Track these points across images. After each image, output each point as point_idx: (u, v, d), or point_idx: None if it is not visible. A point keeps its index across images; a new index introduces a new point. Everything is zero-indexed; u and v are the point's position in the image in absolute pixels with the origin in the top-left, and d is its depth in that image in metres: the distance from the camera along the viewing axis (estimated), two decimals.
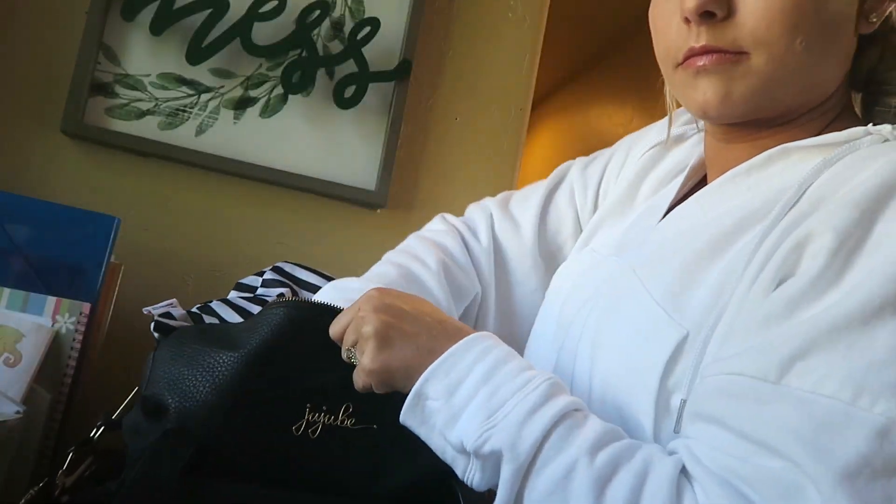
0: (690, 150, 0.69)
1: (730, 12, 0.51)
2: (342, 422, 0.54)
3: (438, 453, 0.50)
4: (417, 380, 0.49)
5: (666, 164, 0.71)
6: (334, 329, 0.55)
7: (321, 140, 1.25)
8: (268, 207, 1.24)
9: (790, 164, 0.53)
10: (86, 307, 0.79)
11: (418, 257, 0.72)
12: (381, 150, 1.27)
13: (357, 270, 0.81)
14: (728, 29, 0.51)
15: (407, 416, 0.50)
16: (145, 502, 0.48)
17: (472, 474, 0.47)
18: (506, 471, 0.45)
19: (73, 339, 0.78)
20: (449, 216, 0.80)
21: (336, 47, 1.25)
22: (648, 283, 0.55)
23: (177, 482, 0.49)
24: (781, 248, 0.47)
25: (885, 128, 0.49)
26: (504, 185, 1.39)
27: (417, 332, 0.52)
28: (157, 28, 1.15)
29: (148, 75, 1.16)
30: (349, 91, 1.25)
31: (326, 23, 1.25)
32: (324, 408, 0.54)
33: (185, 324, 0.61)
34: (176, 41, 1.17)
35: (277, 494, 0.53)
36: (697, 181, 0.67)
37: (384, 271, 0.71)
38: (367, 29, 1.26)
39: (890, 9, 0.54)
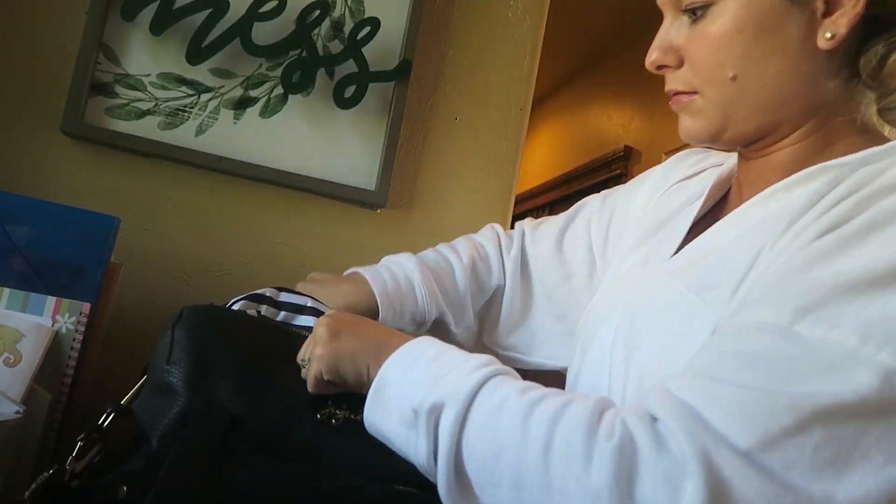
0: (703, 183, 0.74)
1: (681, 62, 0.61)
2: (360, 417, 0.58)
3: (396, 444, 0.53)
4: (365, 365, 0.56)
5: (680, 197, 0.76)
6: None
7: (321, 140, 1.25)
8: (268, 207, 1.24)
9: (828, 179, 0.53)
10: (86, 307, 0.79)
11: (456, 250, 0.87)
12: (380, 150, 1.27)
13: None
14: (681, 74, 0.62)
15: (370, 409, 0.55)
16: (182, 475, 0.53)
17: (418, 442, 0.50)
18: (446, 416, 0.48)
19: (73, 339, 0.78)
20: (499, 227, 0.94)
21: (336, 47, 1.25)
22: (685, 279, 0.59)
23: (209, 456, 0.54)
24: (814, 224, 0.49)
25: None
26: (504, 185, 1.39)
27: (364, 328, 0.61)
28: (157, 28, 1.15)
29: (148, 75, 1.16)
30: (349, 91, 1.25)
31: (326, 23, 1.25)
32: (344, 405, 0.60)
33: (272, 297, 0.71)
34: (176, 41, 1.17)
35: (301, 472, 0.58)
36: (716, 202, 0.72)
37: (427, 253, 0.87)
38: (367, 29, 1.26)
39: (844, 23, 0.56)
